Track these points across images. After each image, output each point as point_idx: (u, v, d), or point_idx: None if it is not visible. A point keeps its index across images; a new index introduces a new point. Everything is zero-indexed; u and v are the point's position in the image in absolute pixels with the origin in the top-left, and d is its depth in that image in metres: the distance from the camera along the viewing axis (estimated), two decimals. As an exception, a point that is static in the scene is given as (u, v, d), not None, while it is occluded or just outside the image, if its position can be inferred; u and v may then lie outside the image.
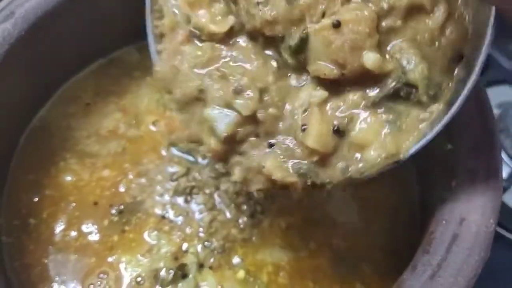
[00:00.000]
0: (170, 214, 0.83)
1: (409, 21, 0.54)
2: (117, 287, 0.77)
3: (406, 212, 0.85)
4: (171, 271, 0.77)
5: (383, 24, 0.53)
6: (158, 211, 0.83)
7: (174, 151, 0.88)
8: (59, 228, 0.81)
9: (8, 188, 0.85)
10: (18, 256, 0.79)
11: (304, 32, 0.53)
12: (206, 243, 0.80)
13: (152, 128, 0.91)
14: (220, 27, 0.57)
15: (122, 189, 0.85)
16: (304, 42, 0.53)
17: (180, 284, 0.77)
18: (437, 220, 0.68)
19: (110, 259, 0.79)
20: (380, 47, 0.53)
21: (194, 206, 0.84)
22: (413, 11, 0.54)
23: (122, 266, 0.78)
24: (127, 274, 0.77)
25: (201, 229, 0.82)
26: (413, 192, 0.86)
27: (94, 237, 0.81)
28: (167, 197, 0.84)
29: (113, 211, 0.83)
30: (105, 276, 0.78)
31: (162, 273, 0.77)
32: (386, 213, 0.84)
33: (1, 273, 0.75)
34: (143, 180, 0.86)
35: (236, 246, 0.80)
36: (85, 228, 0.82)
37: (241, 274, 0.78)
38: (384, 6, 0.53)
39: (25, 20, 0.82)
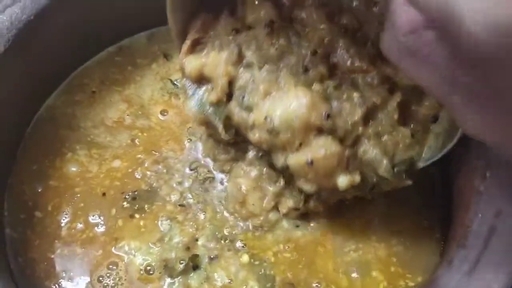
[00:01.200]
0: (186, 203, 0.79)
1: (368, 123, 0.61)
2: (127, 277, 0.73)
3: (431, 206, 0.80)
4: (182, 261, 0.73)
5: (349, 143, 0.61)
6: (174, 198, 0.80)
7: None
8: (64, 220, 0.77)
9: (13, 179, 0.81)
10: (23, 251, 0.75)
11: (285, 161, 0.63)
12: (217, 233, 0.77)
13: (161, 117, 0.88)
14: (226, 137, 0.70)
15: (138, 176, 0.81)
16: (286, 167, 0.64)
17: (191, 275, 0.73)
18: (472, 213, 0.64)
19: (116, 248, 0.75)
20: (348, 166, 0.61)
21: (211, 196, 0.80)
22: (369, 115, 0.60)
23: (131, 253, 0.74)
24: (137, 261, 0.74)
25: (215, 221, 0.78)
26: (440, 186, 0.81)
27: (101, 229, 0.77)
28: (185, 185, 0.81)
29: (127, 196, 0.79)
30: (115, 267, 0.74)
31: (173, 263, 0.73)
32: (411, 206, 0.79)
33: (5, 269, 0.70)
34: (159, 167, 0.82)
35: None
36: (91, 219, 0.78)
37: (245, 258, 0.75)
38: (348, 128, 0.60)
39: (34, 4, 0.79)
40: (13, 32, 0.76)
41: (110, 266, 0.73)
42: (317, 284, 0.73)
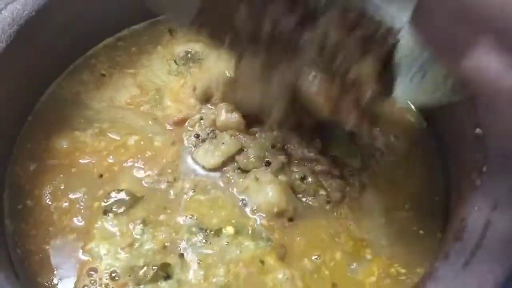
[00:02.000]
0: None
1: None
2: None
3: (430, 198, 0.81)
4: (151, 270, 0.71)
5: None
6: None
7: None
8: (54, 205, 0.78)
9: (14, 157, 0.82)
10: (20, 242, 0.75)
11: None
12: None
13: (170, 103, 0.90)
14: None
15: (137, 175, 0.81)
16: None
17: (162, 285, 0.71)
18: (469, 206, 0.65)
19: (90, 246, 0.74)
20: None
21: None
22: None
23: (100, 255, 0.74)
24: (103, 265, 0.73)
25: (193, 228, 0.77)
26: (438, 179, 0.82)
27: (81, 223, 0.77)
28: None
29: (112, 194, 0.78)
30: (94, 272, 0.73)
31: (141, 272, 0.72)
32: (410, 199, 0.80)
33: (6, 260, 0.71)
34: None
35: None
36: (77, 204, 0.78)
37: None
38: None
39: (35, 0, 0.80)
40: (15, 28, 0.77)
41: (91, 273, 0.72)
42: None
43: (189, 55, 0.95)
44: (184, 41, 0.97)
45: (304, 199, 0.79)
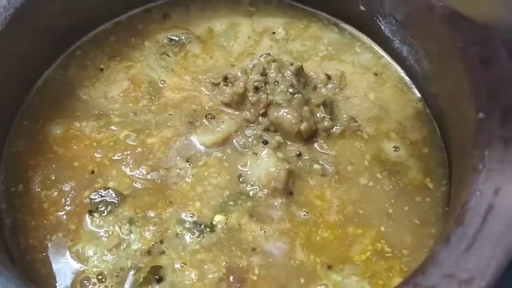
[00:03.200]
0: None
1: None
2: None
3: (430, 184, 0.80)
4: (142, 274, 0.70)
5: None
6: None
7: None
8: (44, 193, 0.78)
9: (9, 140, 0.82)
10: (20, 234, 0.75)
11: None
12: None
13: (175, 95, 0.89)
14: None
15: (127, 171, 0.80)
16: None
17: None
18: (470, 191, 0.64)
19: (76, 248, 0.73)
20: None
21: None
22: None
23: (86, 257, 0.72)
24: (90, 267, 0.72)
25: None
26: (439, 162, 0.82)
27: (68, 220, 0.75)
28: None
29: (98, 192, 0.77)
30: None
31: (130, 275, 0.70)
32: (411, 185, 0.80)
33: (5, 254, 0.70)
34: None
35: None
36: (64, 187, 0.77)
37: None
38: None
39: (30, -17, 0.79)
40: (11, 11, 0.76)
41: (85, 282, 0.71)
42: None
43: (172, 42, 0.94)
44: (170, 28, 0.96)
45: (301, 174, 0.80)
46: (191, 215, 0.76)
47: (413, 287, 0.56)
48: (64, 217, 0.76)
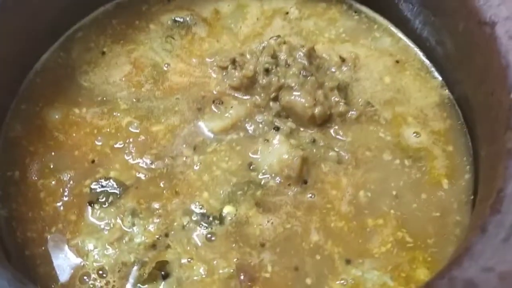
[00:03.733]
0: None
1: None
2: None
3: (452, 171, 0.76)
4: (146, 269, 0.65)
5: None
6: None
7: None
8: (41, 181, 0.73)
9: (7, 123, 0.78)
10: (17, 226, 0.70)
11: None
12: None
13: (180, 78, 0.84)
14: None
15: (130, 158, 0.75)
16: None
17: (161, 285, 0.65)
18: (506, 176, 0.58)
19: (76, 241, 0.69)
20: None
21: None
22: None
23: (86, 251, 0.68)
24: (90, 261, 0.67)
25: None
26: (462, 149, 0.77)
27: (66, 211, 0.71)
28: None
29: (98, 182, 0.73)
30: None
31: (134, 270, 0.66)
32: (432, 172, 0.75)
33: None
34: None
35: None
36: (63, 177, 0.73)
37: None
38: None
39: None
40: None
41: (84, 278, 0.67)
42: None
43: (177, 24, 0.89)
44: (174, 9, 0.91)
45: (315, 161, 0.75)
46: (199, 206, 0.71)
47: (449, 281, 0.50)
48: (62, 208, 0.71)
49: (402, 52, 0.87)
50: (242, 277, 0.66)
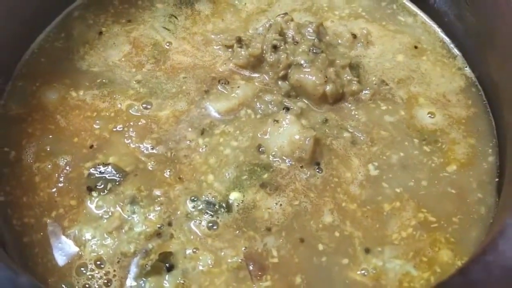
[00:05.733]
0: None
1: None
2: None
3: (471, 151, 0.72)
4: (149, 261, 0.61)
5: None
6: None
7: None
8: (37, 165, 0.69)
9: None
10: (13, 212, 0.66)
11: None
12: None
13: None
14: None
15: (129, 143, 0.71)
16: None
17: (165, 278, 0.61)
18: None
19: (72, 230, 0.64)
20: None
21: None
22: None
23: (84, 241, 0.63)
24: (87, 251, 0.63)
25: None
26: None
27: (63, 198, 0.67)
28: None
29: (97, 168, 0.68)
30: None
31: (134, 262, 0.61)
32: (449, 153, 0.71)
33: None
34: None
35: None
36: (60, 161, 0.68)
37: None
38: None
39: None
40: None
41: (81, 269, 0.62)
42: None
43: (182, 1, 0.85)
44: None
45: (328, 142, 0.71)
46: (205, 193, 0.66)
47: (485, 267, 0.45)
48: (57, 194, 0.66)
49: (420, 33, 0.83)
50: (251, 267, 0.61)
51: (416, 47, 0.81)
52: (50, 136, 0.71)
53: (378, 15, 0.85)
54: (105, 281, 0.60)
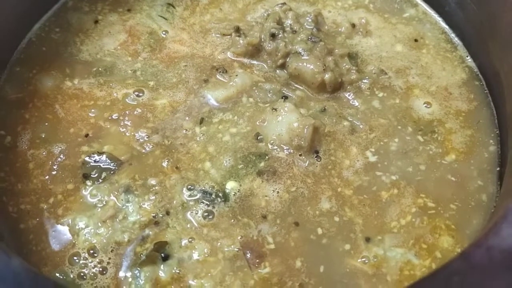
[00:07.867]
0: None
1: None
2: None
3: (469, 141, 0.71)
4: (144, 251, 0.60)
5: None
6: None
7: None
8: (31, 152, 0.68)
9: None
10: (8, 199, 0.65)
11: None
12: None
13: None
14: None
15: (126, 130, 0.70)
16: None
17: (161, 268, 0.60)
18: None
19: (66, 219, 0.63)
20: None
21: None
22: None
23: (77, 229, 0.62)
24: (80, 240, 0.61)
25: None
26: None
27: (56, 186, 0.65)
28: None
29: (91, 157, 0.67)
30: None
31: (129, 251, 0.60)
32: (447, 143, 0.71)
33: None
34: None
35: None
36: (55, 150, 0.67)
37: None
38: None
39: None
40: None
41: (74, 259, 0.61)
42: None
43: None
44: None
45: (327, 131, 0.70)
46: (201, 182, 0.65)
47: (487, 251, 0.44)
48: (50, 182, 0.65)
49: (420, 27, 0.82)
50: (248, 255, 0.60)
51: (416, 41, 0.80)
52: (46, 124, 0.70)
53: (379, 5, 0.84)
54: (100, 269, 0.59)
